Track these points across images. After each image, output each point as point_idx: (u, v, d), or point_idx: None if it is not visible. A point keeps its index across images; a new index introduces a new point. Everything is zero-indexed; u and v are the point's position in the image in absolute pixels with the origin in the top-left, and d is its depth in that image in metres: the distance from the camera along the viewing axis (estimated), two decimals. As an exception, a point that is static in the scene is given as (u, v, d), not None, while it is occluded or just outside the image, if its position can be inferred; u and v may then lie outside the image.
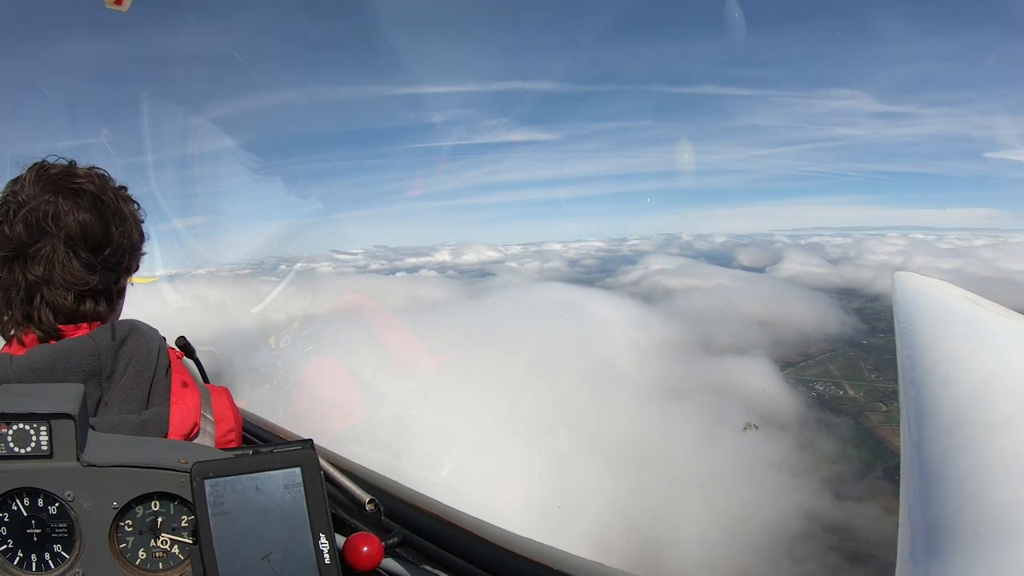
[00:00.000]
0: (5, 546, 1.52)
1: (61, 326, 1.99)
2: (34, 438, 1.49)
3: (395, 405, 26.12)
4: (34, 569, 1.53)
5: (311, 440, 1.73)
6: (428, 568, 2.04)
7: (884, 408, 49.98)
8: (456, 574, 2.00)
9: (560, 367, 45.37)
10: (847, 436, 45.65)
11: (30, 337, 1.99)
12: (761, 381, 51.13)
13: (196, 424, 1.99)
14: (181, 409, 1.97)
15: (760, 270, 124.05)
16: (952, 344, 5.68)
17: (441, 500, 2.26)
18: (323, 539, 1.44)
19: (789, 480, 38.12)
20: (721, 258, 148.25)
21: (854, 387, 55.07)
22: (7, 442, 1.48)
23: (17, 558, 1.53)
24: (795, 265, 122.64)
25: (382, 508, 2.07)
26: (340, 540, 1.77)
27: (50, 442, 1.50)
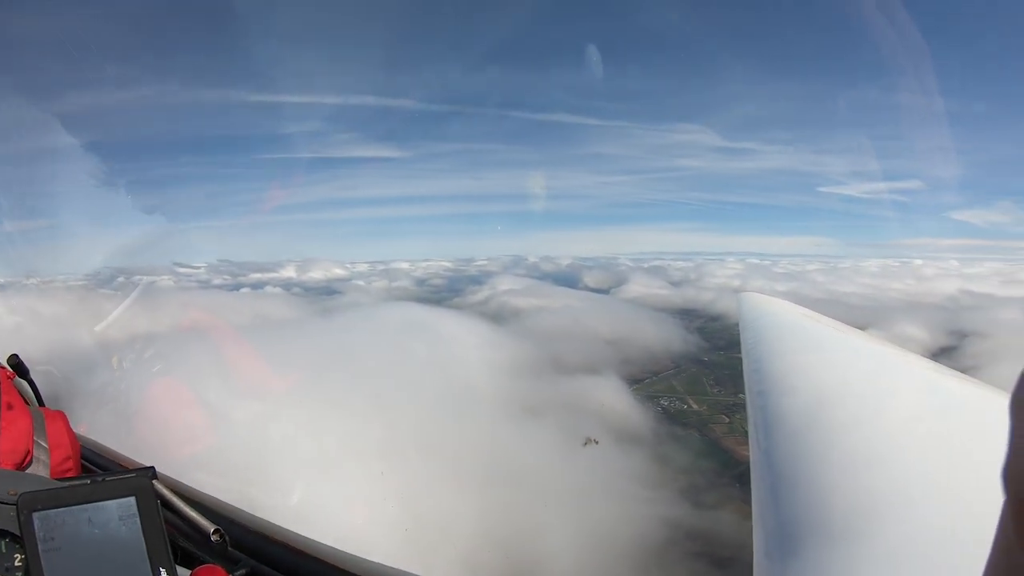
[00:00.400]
0: None
1: None
2: None
3: (243, 429, 25.22)
4: None
5: (152, 468, 1.71)
6: None
7: (727, 420, 52.23)
8: None
9: (413, 387, 45.15)
10: (696, 448, 47.30)
11: None
12: (613, 398, 52.34)
13: (29, 451, 1.86)
14: (11, 435, 1.85)
15: (605, 292, 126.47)
16: (794, 357, 6.07)
17: (292, 528, 2.22)
18: (163, 573, 1.37)
19: (649, 492, 39.15)
20: (567, 279, 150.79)
21: (698, 401, 57.58)
22: None
23: None
24: (639, 287, 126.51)
25: (228, 538, 1.96)
26: (185, 573, 1.68)
27: None
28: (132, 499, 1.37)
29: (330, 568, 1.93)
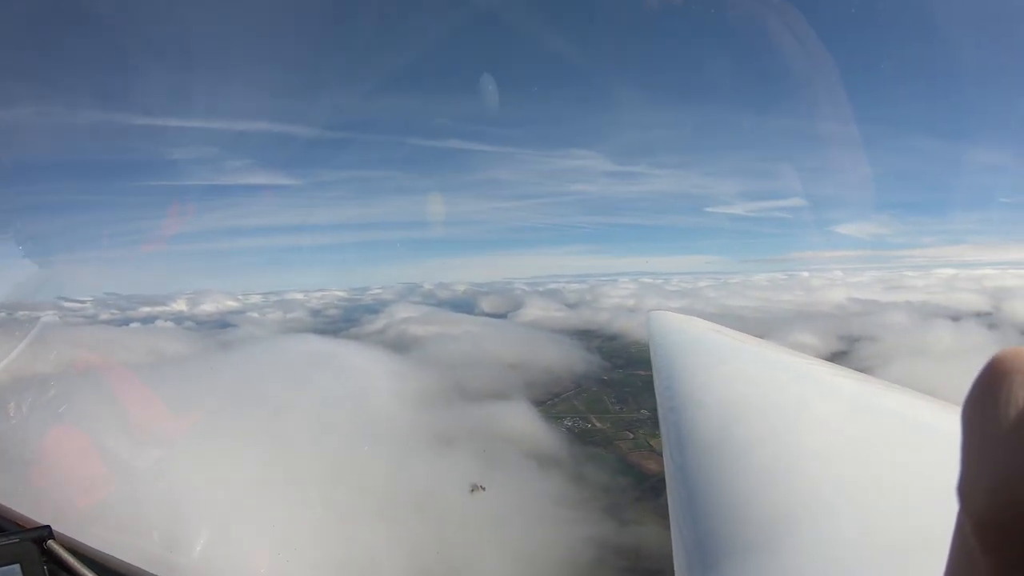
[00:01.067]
0: None
1: None
2: None
3: (145, 476, 24.23)
4: None
5: (48, 527, 1.64)
6: None
7: (631, 436, 52.88)
8: None
9: (320, 421, 44.60)
10: (605, 465, 47.50)
11: None
12: (522, 422, 52.66)
13: None
14: None
15: (503, 316, 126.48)
16: (705, 372, 6.19)
17: None
18: None
19: (568, 512, 39.47)
20: (464, 305, 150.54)
21: (601, 419, 57.97)
22: None
23: None
24: (536, 310, 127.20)
25: None
26: None
27: None
28: (16, 567, 1.31)
29: None
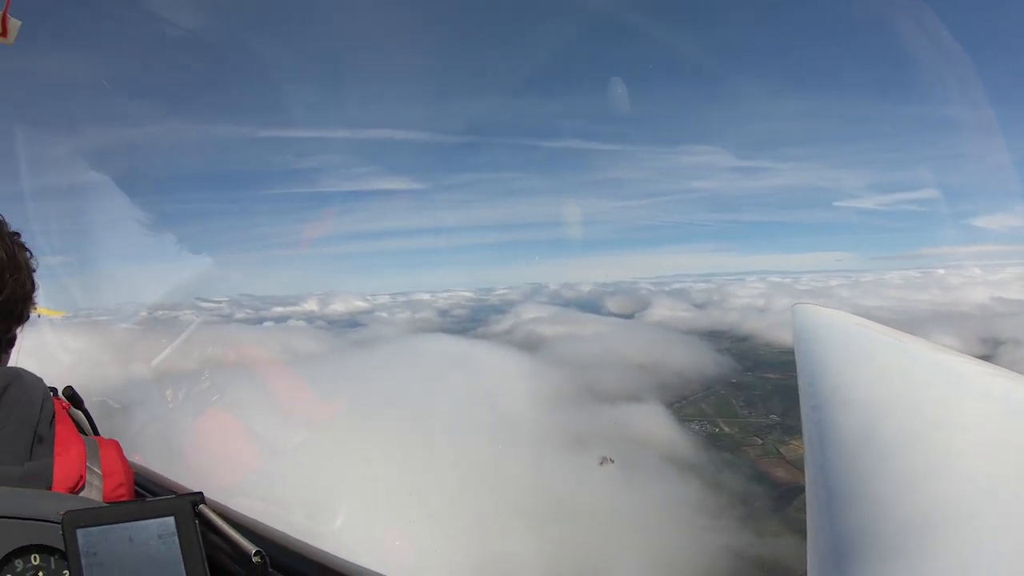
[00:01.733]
0: None
1: None
2: None
3: (287, 458, 25.35)
4: None
5: (201, 493, 1.79)
6: None
7: (760, 441, 51.72)
8: None
9: (452, 419, 45.17)
10: (736, 472, 46.50)
11: None
12: (653, 425, 51.95)
13: (82, 477, 1.92)
14: (66, 462, 1.91)
15: (630, 316, 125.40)
16: (851, 368, 5.93)
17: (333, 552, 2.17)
18: None
19: (707, 521, 38.78)
20: (590, 306, 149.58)
21: (729, 423, 56.77)
22: None
23: None
24: (663, 310, 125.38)
25: (268, 559, 1.99)
26: None
27: None
28: (171, 519, 1.46)
29: None
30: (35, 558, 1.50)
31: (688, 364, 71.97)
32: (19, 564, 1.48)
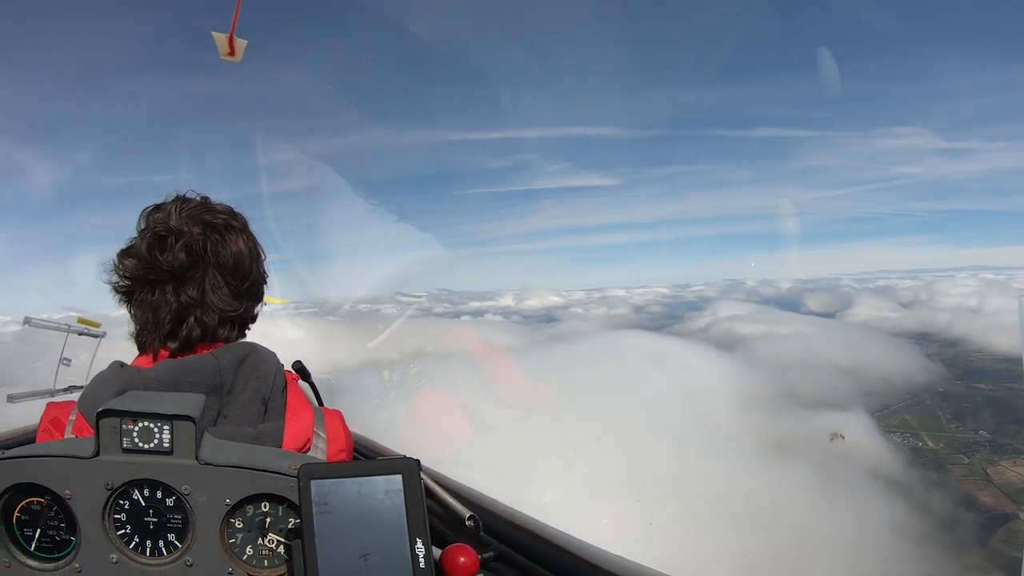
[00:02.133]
0: (124, 531, 1.71)
1: (199, 345, 2.18)
2: (157, 436, 1.67)
3: (496, 435, 26.88)
4: (148, 554, 1.72)
5: (418, 460, 1.85)
6: None
7: (966, 460, 48.18)
8: None
9: (652, 418, 45.86)
10: (941, 493, 42.90)
11: (163, 352, 2.15)
12: (858, 435, 49.63)
13: (309, 440, 2.12)
14: (295, 425, 2.11)
15: (831, 315, 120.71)
16: None
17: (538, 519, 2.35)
18: (419, 544, 1.53)
19: (911, 549, 36.80)
20: (790, 303, 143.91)
21: (933, 438, 53.12)
22: (132, 437, 1.66)
23: (133, 543, 1.71)
24: (867, 309, 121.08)
25: (480, 523, 2.18)
26: (437, 552, 1.86)
27: (171, 440, 1.68)
28: (399, 476, 1.58)
29: (575, 559, 2.02)
30: (264, 505, 1.73)
31: (894, 369, 68.21)
32: (250, 509, 1.73)
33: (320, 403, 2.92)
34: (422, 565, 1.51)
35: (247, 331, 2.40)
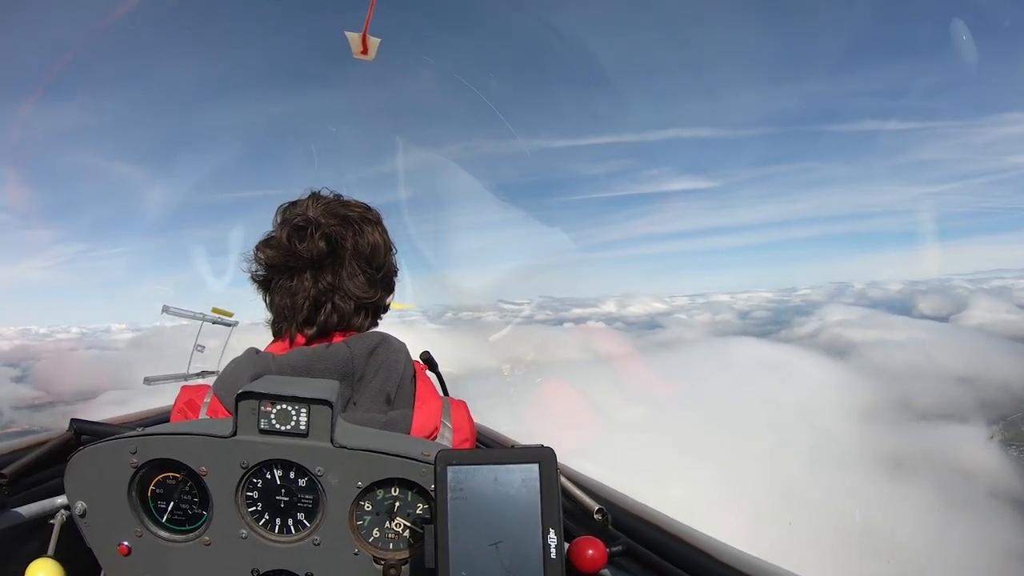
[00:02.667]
0: (255, 508, 1.74)
1: (334, 333, 2.18)
2: (294, 418, 1.70)
3: (621, 433, 27.29)
4: (276, 531, 1.75)
5: (551, 448, 1.71)
6: None
7: None
8: None
9: (764, 431, 45.80)
10: None
11: (299, 339, 2.16)
12: (976, 449, 47.39)
13: (436, 428, 2.13)
14: (424, 413, 2.13)
15: (944, 319, 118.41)
16: None
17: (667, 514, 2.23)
18: (552, 534, 1.45)
19: None
20: (900, 307, 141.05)
21: None
22: (270, 419, 1.70)
23: (263, 519, 1.75)
24: (982, 312, 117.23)
25: (610, 517, 2.18)
26: (566, 544, 1.74)
27: (308, 423, 1.71)
28: (536, 466, 1.50)
29: (705, 555, 1.92)
30: (395, 490, 1.74)
31: (1014, 376, 65.47)
32: (380, 493, 1.74)
33: (446, 393, 2.85)
34: (553, 555, 1.48)
35: (379, 320, 2.41)
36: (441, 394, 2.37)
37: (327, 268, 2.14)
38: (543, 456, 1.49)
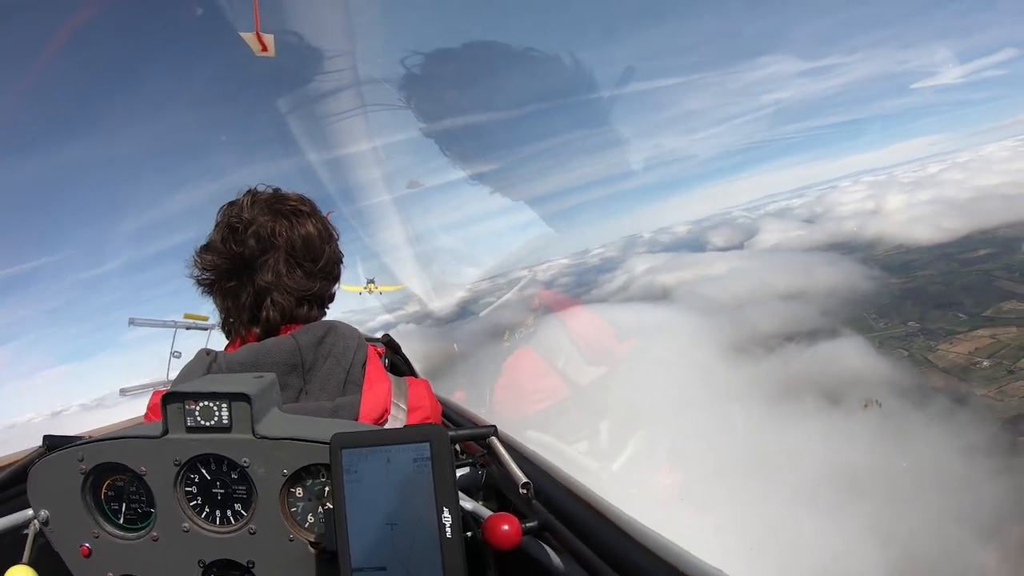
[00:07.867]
0: (195, 502, 1.88)
1: (281, 327, 2.31)
2: (216, 414, 1.80)
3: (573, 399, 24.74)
4: (217, 523, 1.88)
5: (494, 426, 2.17)
6: (566, 556, 2.03)
7: (906, 354, 48.20)
8: (590, 565, 1.93)
9: (641, 386, 42.20)
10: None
11: (250, 337, 2.30)
12: (861, 358, 47.28)
13: (386, 410, 2.23)
14: (372, 397, 2.22)
15: (739, 247, 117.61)
16: None
17: (606, 496, 2.20)
18: (446, 513, 1.53)
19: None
20: (695, 244, 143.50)
21: (870, 340, 52.06)
22: (195, 416, 1.81)
23: (204, 512, 1.89)
24: (773, 234, 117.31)
25: (533, 491, 2.17)
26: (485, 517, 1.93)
27: (230, 417, 1.80)
28: (426, 444, 1.59)
29: (621, 534, 1.92)
30: (323, 475, 1.85)
31: (836, 282, 67.35)
32: (309, 480, 1.86)
33: (411, 374, 3.46)
34: (448, 535, 1.57)
35: (326, 310, 2.65)
36: (394, 376, 2.63)
37: (263, 266, 2.38)
38: (434, 434, 1.66)
